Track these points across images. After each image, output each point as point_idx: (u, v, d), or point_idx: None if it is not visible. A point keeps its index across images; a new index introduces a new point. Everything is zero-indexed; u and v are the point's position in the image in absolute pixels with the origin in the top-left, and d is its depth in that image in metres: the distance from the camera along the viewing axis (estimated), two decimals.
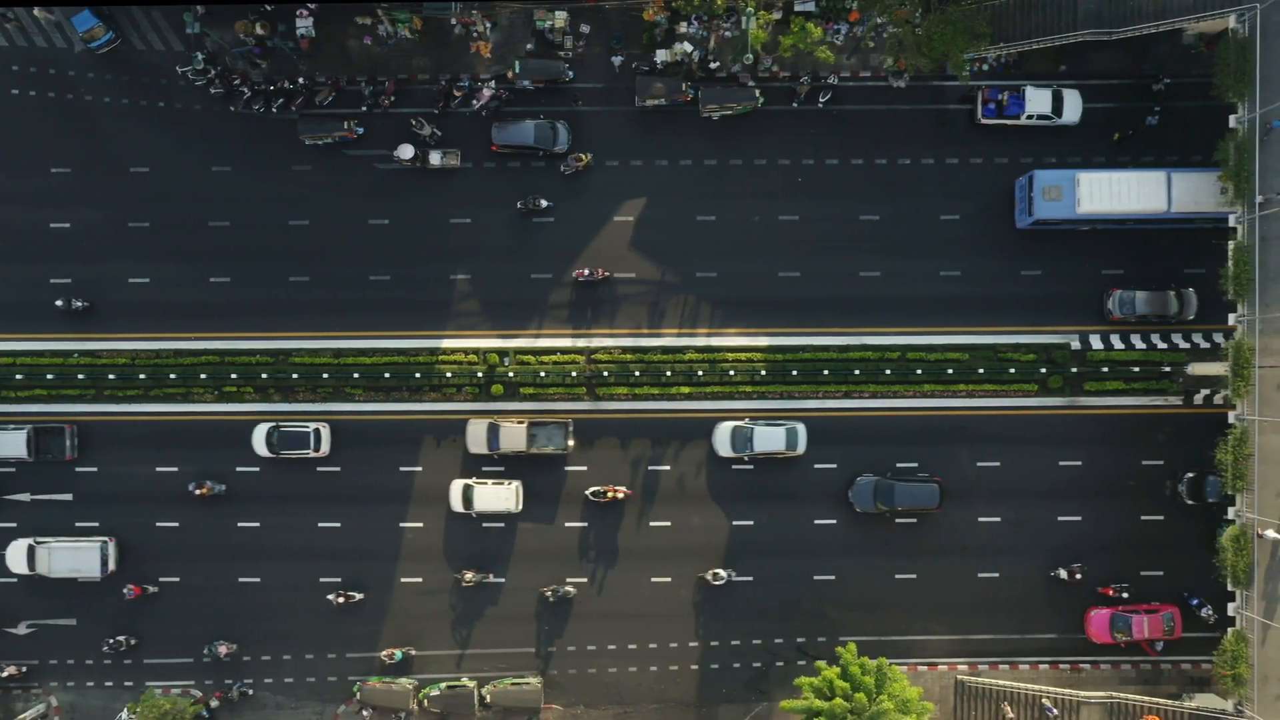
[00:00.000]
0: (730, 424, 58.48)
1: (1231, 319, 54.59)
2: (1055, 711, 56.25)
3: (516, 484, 58.32)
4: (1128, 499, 59.71)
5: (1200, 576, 57.14)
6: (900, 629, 59.84)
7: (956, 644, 60.02)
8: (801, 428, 58.47)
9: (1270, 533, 51.92)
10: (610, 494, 58.63)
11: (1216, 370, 56.27)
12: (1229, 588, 54.48)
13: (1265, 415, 53.03)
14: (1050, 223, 58.13)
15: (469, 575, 58.47)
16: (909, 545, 59.72)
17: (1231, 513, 54.57)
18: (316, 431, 58.23)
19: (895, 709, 51.69)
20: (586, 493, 58.97)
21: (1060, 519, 59.88)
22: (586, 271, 58.74)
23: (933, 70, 57.01)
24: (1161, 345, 59.19)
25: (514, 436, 57.92)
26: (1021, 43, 56.75)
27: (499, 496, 57.96)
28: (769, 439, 58.10)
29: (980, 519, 59.81)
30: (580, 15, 59.14)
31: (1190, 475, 58.05)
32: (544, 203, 58.92)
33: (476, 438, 58.35)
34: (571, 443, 58.52)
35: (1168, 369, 59.08)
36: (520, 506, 58.41)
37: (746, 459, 58.88)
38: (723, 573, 58.66)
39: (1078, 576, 58.70)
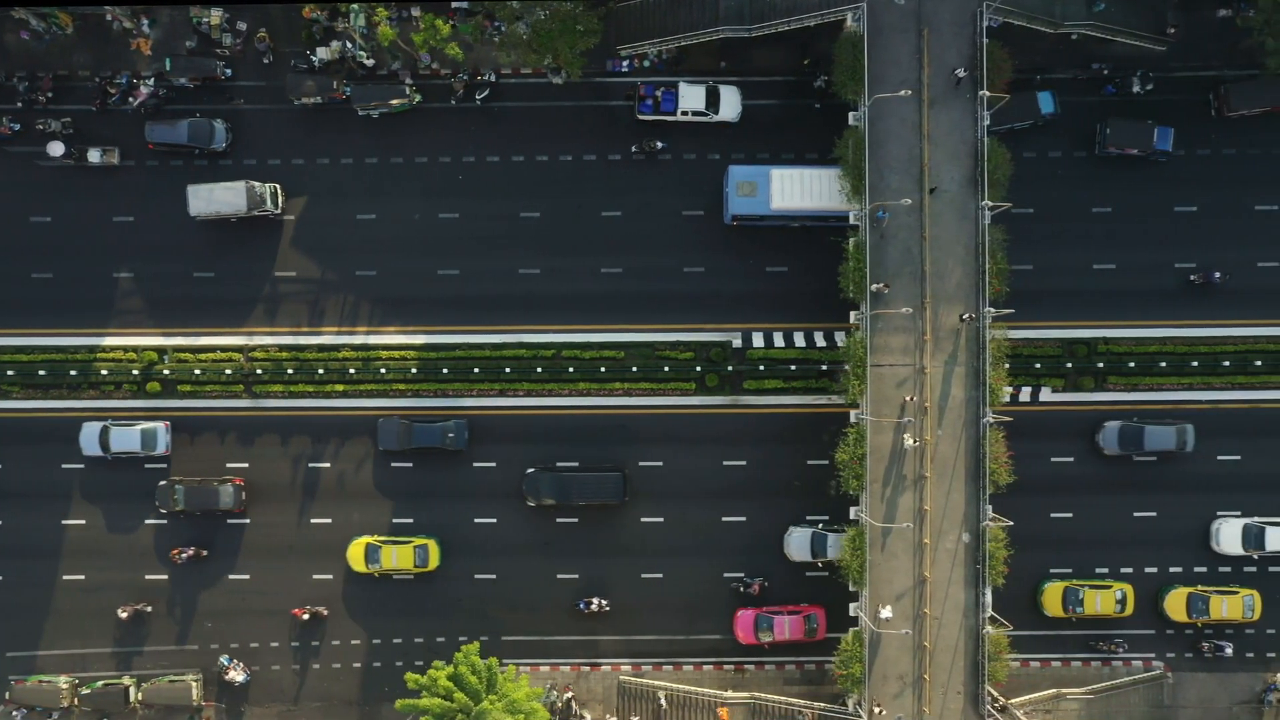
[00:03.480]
0: None
1: (853, 317, 54.14)
2: (665, 705, 56.19)
3: None
4: (793, 498, 59.35)
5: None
6: (563, 629, 59.56)
7: (621, 644, 59.68)
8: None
9: (885, 611, 51.57)
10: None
11: None
12: (850, 588, 54.08)
13: (877, 414, 52.61)
14: (749, 218, 57.54)
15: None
16: (575, 546, 59.49)
17: (853, 512, 54.14)
18: None
19: (502, 709, 51.49)
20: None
21: (725, 519, 59.59)
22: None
23: (551, 66, 56.70)
24: (822, 344, 58.75)
25: None
26: (670, 38, 56.45)
27: None
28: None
29: (644, 519, 59.50)
30: (239, 12, 58.89)
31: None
32: (659, 144, 58.41)
33: None
34: None
35: (825, 368, 58.69)
36: None
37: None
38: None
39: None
